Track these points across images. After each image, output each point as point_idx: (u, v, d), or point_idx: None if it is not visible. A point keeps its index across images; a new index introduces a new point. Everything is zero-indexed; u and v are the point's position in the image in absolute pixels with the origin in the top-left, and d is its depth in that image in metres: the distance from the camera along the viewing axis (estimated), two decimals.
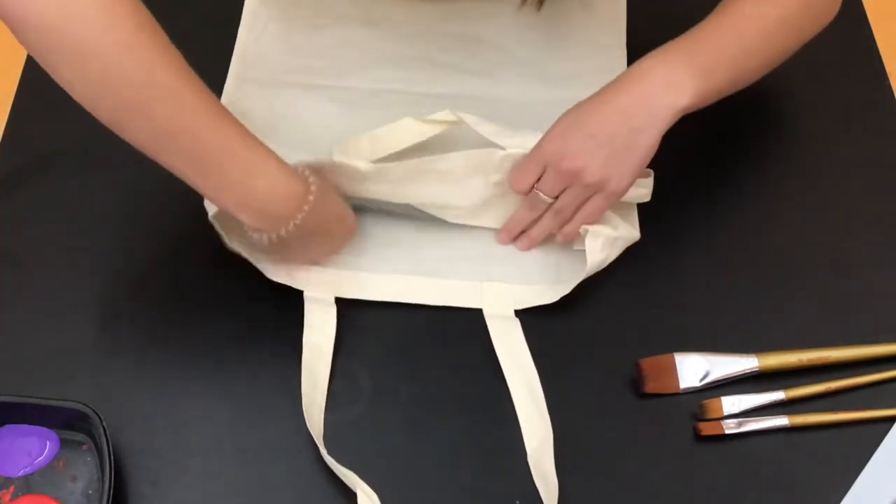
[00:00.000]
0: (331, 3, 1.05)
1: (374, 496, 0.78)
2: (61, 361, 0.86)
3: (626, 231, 0.88)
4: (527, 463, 0.80)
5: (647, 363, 0.84)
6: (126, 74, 0.71)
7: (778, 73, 1.03)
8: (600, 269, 0.87)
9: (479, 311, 0.88)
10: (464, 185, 0.88)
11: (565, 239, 0.89)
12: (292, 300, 0.88)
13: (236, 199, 0.78)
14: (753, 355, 0.84)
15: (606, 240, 0.86)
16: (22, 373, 0.85)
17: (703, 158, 0.97)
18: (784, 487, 0.80)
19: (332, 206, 0.85)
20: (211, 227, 0.89)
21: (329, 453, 0.80)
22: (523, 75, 1.00)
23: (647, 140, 0.83)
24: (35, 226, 0.93)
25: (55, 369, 0.85)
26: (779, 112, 1.01)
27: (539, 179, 0.86)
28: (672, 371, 0.83)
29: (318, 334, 0.86)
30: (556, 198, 0.86)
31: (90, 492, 0.79)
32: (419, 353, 0.87)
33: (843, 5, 1.08)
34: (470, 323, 0.88)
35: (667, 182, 0.95)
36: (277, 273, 0.88)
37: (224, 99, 0.97)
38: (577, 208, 0.86)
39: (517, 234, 0.91)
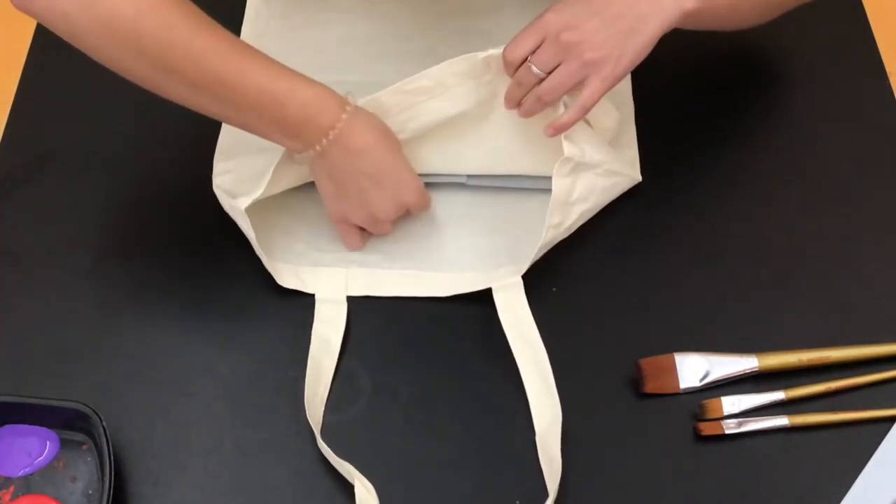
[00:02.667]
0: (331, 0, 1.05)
1: (372, 488, 0.78)
2: (61, 361, 0.86)
3: (616, 165, 0.88)
4: (527, 462, 0.80)
5: (647, 363, 0.84)
6: (148, 43, 0.79)
7: (778, 72, 1.03)
8: (571, 198, 0.87)
9: (480, 310, 0.88)
10: (454, 92, 0.88)
11: (556, 131, 0.85)
12: (294, 301, 0.88)
13: (277, 131, 0.83)
14: (753, 355, 0.84)
15: (577, 165, 0.86)
16: (22, 373, 0.85)
17: (702, 159, 0.97)
18: (784, 487, 0.80)
19: (379, 136, 0.85)
20: (212, 227, 0.89)
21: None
22: None
23: (650, 29, 0.82)
24: (35, 226, 0.93)
25: (55, 369, 0.85)
26: (779, 111, 1.01)
27: (533, 53, 0.84)
28: (672, 371, 0.83)
29: (327, 327, 0.87)
30: (547, 75, 0.84)
31: (90, 492, 0.79)
32: (419, 352, 0.87)
33: (843, 5, 1.08)
34: (471, 322, 0.88)
35: (666, 181, 0.95)
36: (287, 279, 0.89)
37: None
38: (563, 93, 0.85)
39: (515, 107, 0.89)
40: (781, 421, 0.82)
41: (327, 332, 0.87)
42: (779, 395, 0.83)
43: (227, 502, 0.80)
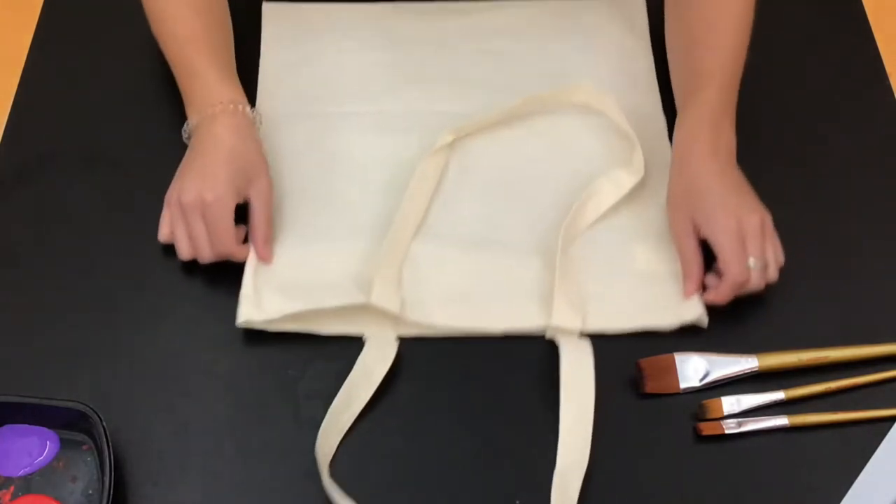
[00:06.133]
0: (348, 28, 1.04)
1: None
2: (61, 361, 0.86)
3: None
4: (526, 462, 0.81)
5: (647, 363, 0.84)
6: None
7: (778, 73, 1.03)
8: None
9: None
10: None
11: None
12: None
13: (186, 92, 0.93)
14: (753, 355, 0.84)
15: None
16: (22, 373, 0.85)
17: None
18: (784, 487, 0.80)
19: (237, 138, 0.89)
20: None
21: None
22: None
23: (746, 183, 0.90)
24: (35, 226, 0.93)
25: (55, 369, 0.85)
26: (779, 112, 1.01)
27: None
28: (672, 371, 0.83)
29: (375, 358, 0.84)
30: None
31: (90, 492, 0.79)
32: (426, 369, 0.86)
33: (843, 5, 1.08)
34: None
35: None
36: (336, 326, 0.86)
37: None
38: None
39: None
40: (781, 421, 0.82)
41: (373, 363, 0.83)
42: (779, 395, 0.83)
43: (227, 502, 0.80)
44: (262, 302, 0.86)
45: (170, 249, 0.91)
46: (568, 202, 0.91)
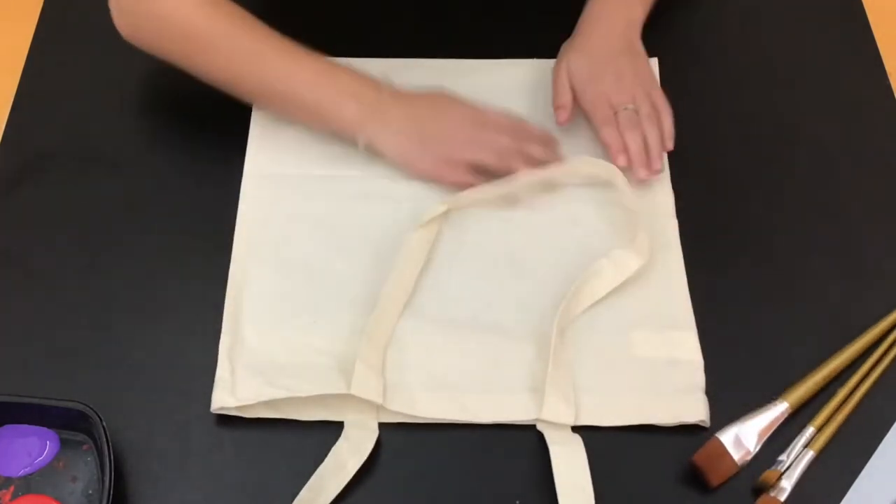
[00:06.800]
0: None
1: None
2: (61, 361, 0.86)
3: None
4: (526, 462, 0.81)
5: (700, 458, 0.80)
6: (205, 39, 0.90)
7: (777, 73, 1.03)
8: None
9: None
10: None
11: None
12: None
13: (325, 98, 0.90)
14: (781, 399, 0.83)
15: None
16: (22, 373, 0.85)
17: (700, 161, 0.97)
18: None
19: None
20: (211, 227, 0.89)
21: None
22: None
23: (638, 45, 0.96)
24: (35, 226, 0.93)
25: (55, 369, 0.85)
26: (778, 112, 1.01)
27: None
28: (725, 454, 0.80)
29: (350, 450, 0.80)
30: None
31: (90, 492, 0.79)
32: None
33: (843, 5, 1.08)
34: None
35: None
36: (315, 412, 0.83)
37: (241, 203, 0.93)
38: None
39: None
40: (809, 455, 0.81)
41: (347, 455, 0.80)
42: (809, 431, 0.82)
43: (227, 502, 0.80)
44: (237, 386, 0.82)
45: (169, 249, 0.91)
46: (566, 282, 0.86)
